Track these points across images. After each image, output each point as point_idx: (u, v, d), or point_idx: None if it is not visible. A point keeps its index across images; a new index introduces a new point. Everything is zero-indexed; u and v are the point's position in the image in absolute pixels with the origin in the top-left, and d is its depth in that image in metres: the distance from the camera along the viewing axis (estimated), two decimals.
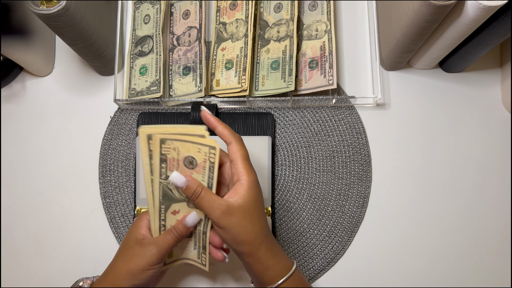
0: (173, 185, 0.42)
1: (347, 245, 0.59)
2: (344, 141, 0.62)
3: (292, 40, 0.60)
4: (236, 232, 0.40)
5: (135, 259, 0.42)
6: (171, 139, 0.40)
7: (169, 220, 0.43)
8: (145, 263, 0.41)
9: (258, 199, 0.41)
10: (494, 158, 0.61)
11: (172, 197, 0.42)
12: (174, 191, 0.42)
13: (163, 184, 0.41)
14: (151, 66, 0.61)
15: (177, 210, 0.43)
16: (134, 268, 0.41)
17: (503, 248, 0.59)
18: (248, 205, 0.40)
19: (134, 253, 0.42)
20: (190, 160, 0.41)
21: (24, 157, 0.62)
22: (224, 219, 0.39)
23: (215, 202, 0.40)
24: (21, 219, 0.60)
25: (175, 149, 0.40)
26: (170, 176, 0.40)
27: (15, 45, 0.58)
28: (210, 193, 0.41)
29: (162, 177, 0.41)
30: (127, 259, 0.42)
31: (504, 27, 0.50)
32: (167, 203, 0.43)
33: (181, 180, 0.40)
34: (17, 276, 0.59)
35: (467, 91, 0.64)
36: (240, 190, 0.40)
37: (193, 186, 0.40)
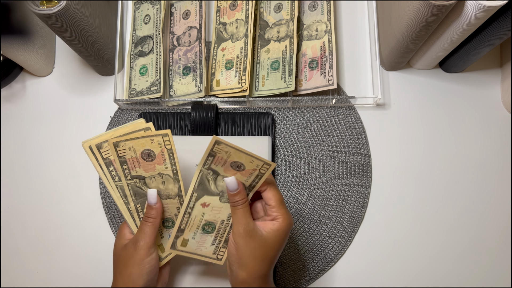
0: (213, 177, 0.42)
1: (347, 245, 0.59)
2: (344, 141, 0.62)
3: (292, 40, 0.60)
4: (246, 255, 0.41)
5: (128, 263, 0.43)
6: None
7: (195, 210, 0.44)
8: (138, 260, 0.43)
9: (281, 244, 0.42)
10: (494, 158, 0.61)
11: (207, 189, 0.43)
12: (211, 182, 0.43)
13: (203, 172, 0.42)
14: (151, 66, 0.61)
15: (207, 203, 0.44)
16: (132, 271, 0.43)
17: (503, 248, 0.59)
18: (269, 241, 0.41)
19: (125, 259, 0.44)
20: (238, 165, 0.41)
21: (24, 157, 0.62)
22: (243, 238, 0.41)
23: (246, 219, 0.41)
24: (21, 219, 0.60)
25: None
26: (226, 178, 0.42)
27: (15, 45, 0.58)
28: (247, 209, 0.42)
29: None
30: (123, 268, 0.44)
31: (504, 27, 0.50)
32: (200, 193, 0.43)
33: (234, 186, 0.42)
34: (17, 276, 0.59)
35: (467, 91, 0.64)
36: (269, 225, 0.42)
37: (239, 197, 0.42)
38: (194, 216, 0.44)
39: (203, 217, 0.44)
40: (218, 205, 0.44)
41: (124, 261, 0.43)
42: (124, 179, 0.43)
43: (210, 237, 0.45)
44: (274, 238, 0.41)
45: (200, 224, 0.44)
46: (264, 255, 0.41)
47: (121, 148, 0.41)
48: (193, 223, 0.44)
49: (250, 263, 0.41)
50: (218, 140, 0.39)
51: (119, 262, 0.44)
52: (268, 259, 0.42)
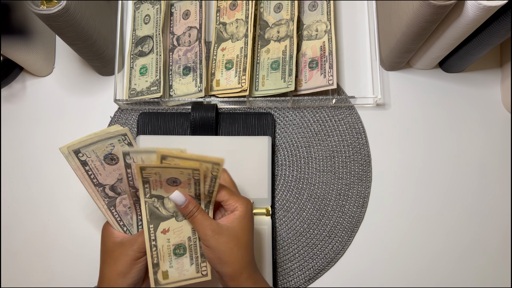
0: (159, 203, 0.43)
1: (347, 245, 0.59)
2: (344, 141, 0.62)
3: (292, 40, 0.60)
4: (222, 252, 0.42)
5: (120, 260, 0.43)
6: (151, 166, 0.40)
7: (159, 240, 0.43)
8: (130, 259, 0.43)
9: (248, 227, 0.43)
10: (494, 158, 0.61)
11: (160, 215, 0.43)
12: (160, 208, 0.43)
13: (148, 203, 0.42)
14: (151, 66, 0.61)
15: (167, 228, 0.44)
16: (122, 268, 0.43)
17: (503, 248, 0.59)
18: (236, 229, 0.42)
19: (117, 255, 0.44)
20: (173, 180, 0.42)
21: (24, 157, 0.62)
22: (212, 238, 0.42)
23: (207, 220, 0.42)
24: (21, 219, 0.60)
25: (156, 174, 0.41)
26: (171, 195, 0.42)
27: (15, 45, 0.58)
28: (204, 213, 0.43)
29: (147, 196, 0.42)
30: (112, 263, 0.44)
31: (504, 27, 0.50)
32: (155, 222, 0.43)
33: (181, 200, 0.42)
34: (17, 276, 0.59)
35: (467, 91, 0.64)
36: (231, 217, 0.43)
37: (191, 206, 0.43)
38: (160, 246, 0.44)
39: (169, 243, 0.44)
40: (177, 226, 0.44)
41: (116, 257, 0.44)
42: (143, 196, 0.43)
43: (186, 258, 0.45)
44: (239, 224, 0.42)
45: (170, 250, 0.44)
46: (238, 244, 0.42)
47: (146, 172, 0.41)
48: (164, 253, 0.44)
49: (230, 257, 0.42)
50: (142, 166, 0.39)
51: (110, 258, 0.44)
52: (243, 245, 0.42)
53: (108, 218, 0.46)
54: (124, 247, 0.44)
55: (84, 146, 0.42)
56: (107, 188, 0.45)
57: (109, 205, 0.45)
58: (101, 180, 0.44)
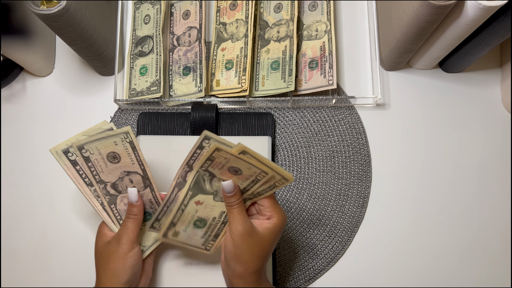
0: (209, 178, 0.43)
1: (347, 245, 0.59)
2: (344, 141, 0.62)
3: (292, 40, 0.60)
4: (243, 252, 0.42)
5: (111, 259, 0.44)
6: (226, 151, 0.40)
7: (189, 207, 0.44)
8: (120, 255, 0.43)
9: (275, 241, 0.44)
10: (494, 158, 0.61)
11: (202, 188, 0.44)
12: (206, 182, 0.44)
13: (200, 173, 0.43)
14: (151, 66, 0.61)
15: (201, 201, 0.44)
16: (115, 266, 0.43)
17: (503, 248, 0.59)
18: (265, 238, 0.43)
19: (107, 254, 0.44)
20: (235, 169, 0.42)
21: (24, 157, 0.62)
22: (240, 235, 0.42)
23: (243, 218, 0.43)
24: (21, 219, 0.60)
25: (226, 159, 0.41)
26: (223, 183, 0.43)
27: (15, 45, 0.58)
28: (243, 209, 0.43)
29: (202, 169, 0.42)
30: (105, 264, 0.44)
31: (504, 27, 0.50)
32: (194, 191, 0.44)
33: (231, 188, 0.43)
34: (17, 276, 0.59)
35: (467, 91, 0.64)
36: (265, 223, 0.43)
37: (236, 197, 0.43)
38: (187, 212, 0.45)
39: (195, 214, 0.45)
40: (211, 203, 0.45)
41: (107, 257, 0.44)
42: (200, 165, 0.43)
43: (201, 231, 0.46)
44: (270, 235, 0.43)
45: (192, 219, 0.45)
46: (260, 251, 0.43)
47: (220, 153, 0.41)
48: (186, 218, 0.45)
49: (248, 259, 0.42)
50: (219, 147, 0.39)
51: (102, 258, 0.45)
52: (264, 255, 0.43)
53: (104, 217, 0.46)
54: (112, 245, 0.44)
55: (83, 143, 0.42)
56: (108, 186, 0.45)
57: (110, 202, 0.45)
58: (103, 178, 0.44)
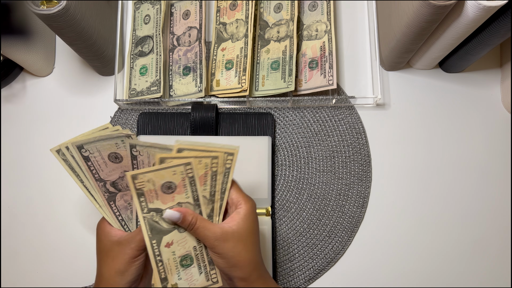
0: (158, 217, 0.42)
1: (347, 245, 0.59)
2: (344, 141, 0.62)
3: (292, 40, 0.60)
4: (231, 257, 0.41)
5: (118, 259, 0.43)
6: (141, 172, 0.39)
7: (164, 254, 0.43)
8: (128, 258, 0.43)
9: (253, 227, 0.43)
10: (494, 158, 0.61)
11: (161, 229, 0.42)
12: (161, 222, 0.42)
13: (147, 218, 0.42)
14: (151, 66, 0.61)
15: (170, 241, 0.43)
16: (121, 266, 0.43)
17: (503, 248, 0.59)
18: (242, 231, 0.42)
19: (115, 254, 0.43)
20: (168, 186, 0.41)
21: (24, 157, 0.62)
22: (219, 246, 0.41)
23: (209, 230, 0.42)
24: (21, 219, 0.60)
25: (149, 181, 0.40)
26: (164, 214, 0.41)
27: (15, 45, 0.58)
28: (204, 221, 0.42)
29: (145, 211, 0.41)
30: (110, 262, 0.43)
31: (504, 27, 0.50)
32: (157, 237, 0.42)
33: (176, 216, 0.41)
34: (17, 276, 0.59)
35: (467, 91, 0.64)
36: (236, 217, 0.42)
37: (189, 218, 0.42)
38: (166, 260, 0.43)
39: (175, 255, 0.43)
40: (181, 237, 0.43)
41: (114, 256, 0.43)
42: (141, 213, 0.42)
43: (194, 268, 0.44)
44: (245, 225, 0.42)
45: (177, 263, 0.43)
46: (245, 246, 0.42)
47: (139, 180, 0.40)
48: (171, 266, 0.43)
49: (239, 261, 0.42)
50: (133, 174, 0.39)
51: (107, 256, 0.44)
52: (251, 247, 0.42)
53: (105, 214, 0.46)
54: (122, 246, 0.43)
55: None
56: (108, 184, 0.45)
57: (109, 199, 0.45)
58: (103, 176, 0.44)
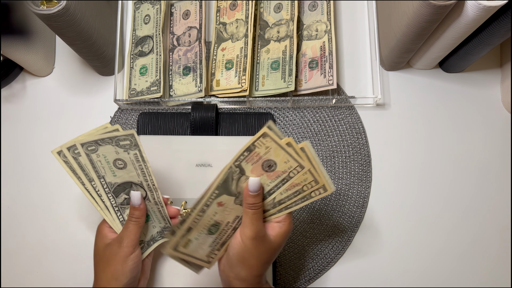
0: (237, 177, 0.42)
1: (347, 245, 0.59)
2: (344, 141, 0.62)
3: (292, 40, 0.60)
4: (252, 257, 0.42)
5: (111, 261, 0.43)
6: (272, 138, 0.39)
7: (210, 210, 0.43)
8: (121, 258, 0.43)
9: (282, 246, 0.43)
10: (494, 158, 0.61)
11: (228, 188, 0.42)
12: (234, 182, 0.42)
13: (231, 170, 0.41)
14: (151, 66, 0.61)
15: (223, 202, 0.43)
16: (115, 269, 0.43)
17: (503, 248, 0.59)
18: (276, 246, 0.42)
19: (108, 256, 0.44)
20: (269, 164, 0.41)
21: (24, 157, 0.62)
22: (252, 240, 0.41)
23: (259, 223, 0.42)
24: (21, 219, 0.60)
25: (267, 148, 0.40)
26: (250, 178, 0.41)
27: (15, 45, 0.58)
28: (261, 213, 0.42)
29: (235, 163, 0.41)
30: (105, 265, 0.44)
31: (504, 27, 0.50)
32: (220, 191, 0.42)
33: (256, 186, 0.41)
34: (17, 276, 0.59)
35: (467, 91, 0.64)
36: (277, 230, 0.43)
37: (258, 199, 0.42)
38: (206, 215, 0.43)
39: (213, 217, 0.43)
40: (231, 206, 0.43)
41: (107, 259, 0.43)
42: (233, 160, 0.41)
43: (211, 238, 0.45)
44: (280, 241, 0.42)
45: (208, 224, 0.44)
46: (268, 258, 0.42)
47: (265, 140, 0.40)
48: (202, 223, 0.43)
49: (255, 264, 0.42)
50: (266, 133, 0.38)
51: (102, 261, 0.44)
52: (270, 261, 0.43)
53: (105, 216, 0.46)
54: (113, 247, 0.44)
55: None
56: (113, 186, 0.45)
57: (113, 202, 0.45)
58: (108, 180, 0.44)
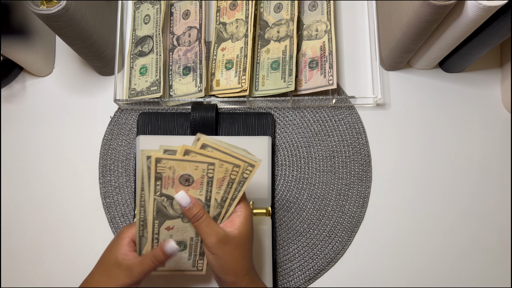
0: (168, 203, 0.42)
1: (347, 245, 0.59)
2: (344, 141, 0.62)
3: (292, 40, 0.60)
4: (227, 261, 0.41)
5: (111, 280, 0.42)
6: (166, 158, 0.39)
7: (162, 235, 0.43)
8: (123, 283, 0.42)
9: (251, 233, 0.43)
10: (494, 158, 0.61)
11: (166, 214, 0.42)
12: (168, 208, 0.42)
13: (157, 201, 0.42)
14: (151, 66, 0.61)
15: (171, 226, 0.43)
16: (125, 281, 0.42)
17: (503, 248, 0.59)
18: (242, 237, 0.41)
19: (112, 274, 0.43)
20: (186, 178, 0.41)
21: (24, 157, 0.62)
22: (218, 247, 0.41)
23: (213, 229, 0.41)
24: (21, 219, 0.60)
25: (171, 168, 0.40)
26: (176, 195, 0.41)
27: (15, 45, 0.58)
28: (210, 219, 0.42)
29: (157, 194, 0.41)
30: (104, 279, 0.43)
31: (504, 27, 0.50)
32: (161, 219, 0.43)
33: (186, 201, 0.41)
34: (17, 276, 0.59)
35: (467, 91, 0.64)
36: (236, 221, 0.42)
37: (196, 209, 0.41)
38: (162, 240, 0.43)
39: (172, 238, 0.43)
40: (182, 226, 0.43)
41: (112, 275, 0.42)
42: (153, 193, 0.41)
43: (185, 254, 0.45)
44: (245, 231, 0.42)
45: None
46: (242, 252, 0.42)
47: (161, 164, 0.40)
48: None
49: (234, 266, 0.41)
50: (158, 157, 0.38)
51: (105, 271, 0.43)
52: (247, 253, 0.42)
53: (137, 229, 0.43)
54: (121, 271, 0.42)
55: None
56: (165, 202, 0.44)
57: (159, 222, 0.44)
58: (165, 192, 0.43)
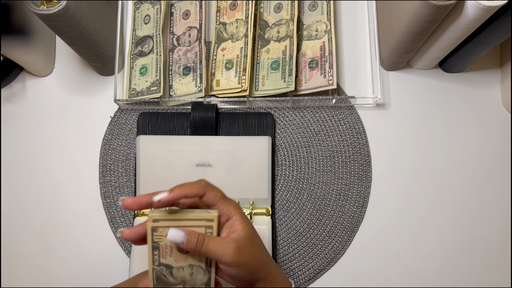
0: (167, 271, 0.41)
1: (347, 245, 0.59)
2: (344, 141, 0.62)
3: (292, 40, 0.60)
4: (252, 262, 0.39)
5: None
6: (163, 226, 0.39)
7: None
8: None
9: (251, 225, 0.42)
10: (494, 158, 0.61)
11: (167, 282, 0.41)
12: (168, 276, 0.41)
13: (156, 270, 0.41)
14: (151, 66, 0.61)
15: None
16: None
17: (503, 248, 0.59)
18: (250, 233, 0.40)
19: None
20: None
21: (24, 157, 0.62)
22: (238, 255, 0.38)
23: (222, 242, 0.39)
24: (21, 219, 0.60)
25: None
26: (168, 235, 0.38)
27: (15, 45, 0.58)
28: (213, 236, 0.39)
29: (155, 264, 0.41)
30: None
31: (504, 27, 0.50)
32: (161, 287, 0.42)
33: (181, 235, 0.38)
34: (17, 276, 0.59)
35: (467, 91, 0.64)
36: (235, 224, 0.40)
37: (194, 238, 0.38)
38: None
39: None
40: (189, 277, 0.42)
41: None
42: (151, 263, 0.41)
43: None
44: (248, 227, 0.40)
45: None
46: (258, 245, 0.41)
47: (158, 233, 0.39)
48: None
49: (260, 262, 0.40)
50: (154, 226, 0.38)
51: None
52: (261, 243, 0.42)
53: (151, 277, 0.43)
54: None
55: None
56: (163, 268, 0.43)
57: None
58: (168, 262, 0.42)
